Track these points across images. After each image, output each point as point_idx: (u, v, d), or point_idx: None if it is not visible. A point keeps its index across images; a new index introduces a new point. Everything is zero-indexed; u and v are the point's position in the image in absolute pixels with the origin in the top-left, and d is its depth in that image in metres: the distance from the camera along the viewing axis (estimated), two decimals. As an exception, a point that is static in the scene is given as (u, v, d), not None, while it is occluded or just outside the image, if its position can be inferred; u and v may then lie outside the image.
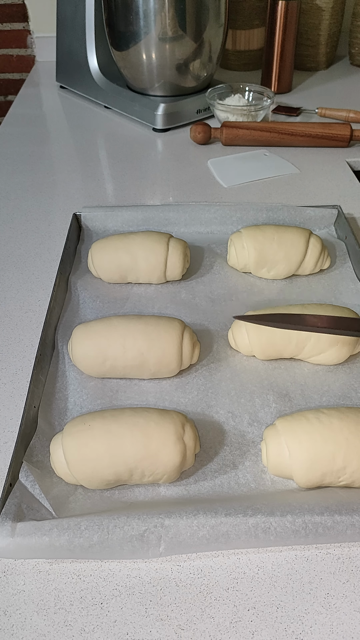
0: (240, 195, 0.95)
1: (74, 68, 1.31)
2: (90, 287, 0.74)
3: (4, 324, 0.70)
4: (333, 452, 0.48)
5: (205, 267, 0.78)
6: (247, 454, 0.54)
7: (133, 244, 0.73)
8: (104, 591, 0.44)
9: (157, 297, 0.73)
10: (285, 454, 0.49)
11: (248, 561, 0.46)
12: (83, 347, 0.60)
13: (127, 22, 1.09)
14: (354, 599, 0.43)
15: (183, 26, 1.08)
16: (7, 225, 0.89)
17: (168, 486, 0.51)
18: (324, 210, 0.83)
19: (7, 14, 1.55)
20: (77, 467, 0.49)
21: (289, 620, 0.42)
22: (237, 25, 1.42)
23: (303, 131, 1.08)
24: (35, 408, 0.57)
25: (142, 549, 0.45)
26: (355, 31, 1.46)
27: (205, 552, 0.46)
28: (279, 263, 0.74)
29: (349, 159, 1.06)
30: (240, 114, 1.13)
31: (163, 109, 1.14)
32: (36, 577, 0.45)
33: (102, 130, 1.20)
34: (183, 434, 0.50)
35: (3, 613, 0.43)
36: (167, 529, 0.45)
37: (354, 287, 0.74)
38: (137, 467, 0.49)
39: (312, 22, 1.40)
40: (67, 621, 0.42)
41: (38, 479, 0.50)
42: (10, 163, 1.08)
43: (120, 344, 0.59)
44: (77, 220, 0.83)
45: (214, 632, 0.41)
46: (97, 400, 0.59)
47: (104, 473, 0.49)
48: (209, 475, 0.52)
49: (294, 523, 0.45)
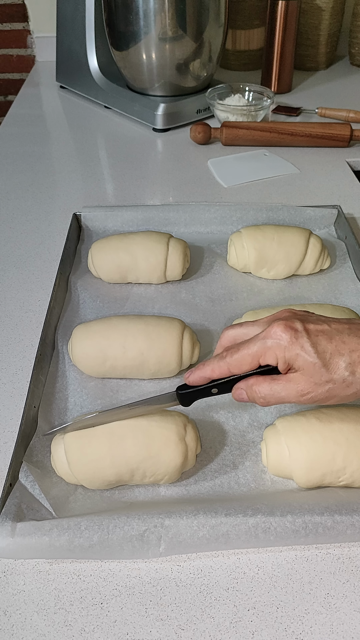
0: (240, 195, 0.95)
1: (74, 68, 1.31)
2: (90, 287, 0.74)
3: (4, 324, 0.70)
4: (333, 452, 0.48)
5: (205, 267, 0.78)
6: (247, 454, 0.54)
7: (133, 244, 0.73)
8: (104, 591, 0.44)
9: (157, 297, 0.73)
10: (285, 454, 0.49)
11: (248, 561, 0.46)
12: (83, 347, 0.60)
13: (127, 22, 1.09)
14: (354, 599, 0.43)
15: (183, 26, 1.08)
16: (7, 225, 0.89)
17: (168, 486, 0.51)
18: (324, 210, 0.83)
19: (7, 14, 1.55)
20: (79, 467, 0.49)
21: (289, 620, 0.42)
22: (237, 25, 1.42)
23: (303, 131, 1.08)
24: (35, 408, 0.57)
25: (142, 549, 0.45)
26: (355, 31, 1.46)
27: (205, 552, 0.46)
28: (278, 263, 0.74)
29: (349, 159, 1.06)
30: (240, 114, 1.13)
31: (163, 109, 1.14)
32: (36, 577, 0.45)
33: (102, 130, 1.20)
34: (185, 435, 0.50)
35: (3, 613, 0.43)
36: (167, 529, 0.45)
37: (354, 287, 0.74)
38: (139, 467, 0.49)
39: (312, 22, 1.40)
40: (67, 621, 0.42)
41: (38, 479, 0.50)
42: (10, 163, 1.08)
43: (121, 343, 0.59)
44: (77, 220, 0.83)
45: (214, 632, 0.41)
46: (97, 400, 0.59)
47: (105, 473, 0.49)
48: (209, 475, 0.52)
49: (294, 523, 0.45)
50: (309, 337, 0.43)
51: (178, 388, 0.50)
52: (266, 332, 0.45)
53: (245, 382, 0.46)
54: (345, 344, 0.43)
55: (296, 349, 0.43)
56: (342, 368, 0.43)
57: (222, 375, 0.47)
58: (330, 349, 0.43)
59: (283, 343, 0.44)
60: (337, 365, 0.43)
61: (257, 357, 0.45)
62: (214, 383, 0.48)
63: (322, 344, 0.43)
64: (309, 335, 0.44)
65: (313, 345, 0.43)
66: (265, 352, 0.44)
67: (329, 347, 0.43)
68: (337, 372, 0.43)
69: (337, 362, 0.43)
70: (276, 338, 0.44)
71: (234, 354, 0.46)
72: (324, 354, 0.43)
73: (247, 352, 0.45)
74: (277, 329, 0.44)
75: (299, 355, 0.43)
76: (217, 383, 0.48)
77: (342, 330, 0.44)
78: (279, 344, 0.44)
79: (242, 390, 0.46)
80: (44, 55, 1.58)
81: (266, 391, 0.45)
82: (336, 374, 0.43)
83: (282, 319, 0.45)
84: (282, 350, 0.44)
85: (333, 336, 0.44)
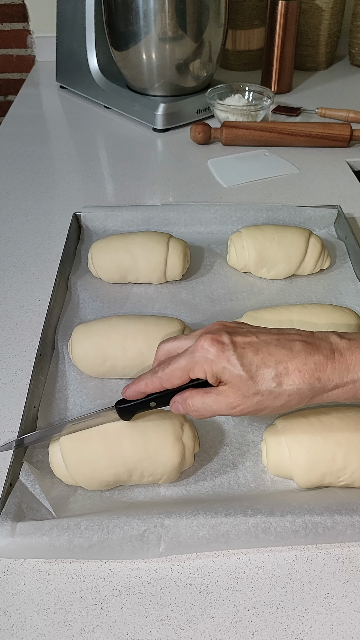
0: (240, 195, 0.95)
1: (74, 68, 1.31)
2: (90, 287, 0.74)
3: (4, 324, 0.70)
4: (333, 452, 0.48)
5: (205, 267, 0.78)
6: (247, 454, 0.54)
7: (133, 244, 0.73)
8: (104, 591, 0.44)
9: (157, 297, 0.73)
10: (285, 453, 0.49)
11: (248, 561, 0.46)
12: (83, 347, 0.60)
13: (127, 22, 1.09)
14: (354, 599, 0.43)
15: (183, 26, 1.08)
16: (7, 225, 0.89)
17: (168, 486, 0.51)
18: (324, 210, 0.83)
19: (7, 14, 1.55)
20: (76, 468, 0.49)
21: (289, 620, 0.42)
22: (237, 25, 1.42)
23: (303, 131, 1.08)
24: (35, 408, 0.57)
25: (142, 549, 0.45)
26: (355, 31, 1.46)
27: (205, 552, 0.46)
28: (278, 263, 0.74)
29: (349, 159, 1.06)
30: (240, 114, 1.13)
31: (163, 109, 1.14)
32: (36, 577, 0.45)
33: (102, 130, 1.20)
34: (182, 434, 0.50)
35: (3, 613, 0.43)
36: (167, 529, 0.45)
37: (354, 287, 0.74)
38: (136, 467, 0.49)
39: (312, 22, 1.40)
40: (67, 621, 0.42)
41: (38, 478, 0.50)
42: (10, 163, 1.08)
43: (120, 344, 0.59)
44: (77, 220, 0.83)
45: (214, 632, 0.41)
46: (97, 401, 0.59)
47: (103, 474, 0.49)
48: (209, 475, 0.52)
49: (293, 523, 0.45)
50: (235, 350, 0.43)
51: (117, 403, 0.50)
52: (194, 346, 0.45)
53: (180, 395, 0.47)
54: (271, 356, 0.43)
55: (222, 362, 0.43)
56: (268, 380, 0.43)
57: (155, 390, 0.47)
58: (256, 361, 0.43)
59: (210, 357, 0.44)
60: (263, 377, 0.43)
61: (186, 371, 0.45)
62: (151, 397, 0.48)
63: (248, 357, 0.43)
64: (235, 348, 0.44)
65: (239, 358, 0.43)
66: (194, 366, 0.45)
67: (255, 359, 0.43)
68: (263, 384, 0.43)
69: (263, 374, 0.43)
70: (203, 352, 0.44)
71: (165, 368, 0.46)
72: (250, 367, 0.43)
73: (176, 366, 0.45)
74: (205, 342, 0.44)
75: (225, 369, 0.43)
76: (155, 396, 0.48)
77: (270, 342, 0.44)
78: (205, 357, 0.44)
79: (178, 403, 0.47)
80: (44, 55, 1.58)
81: (199, 404, 0.45)
82: (263, 386, 0.43)
83: (210, 332, 0.45)
84: (209, 363, 0.44)
85: (260, 348, 0.44)
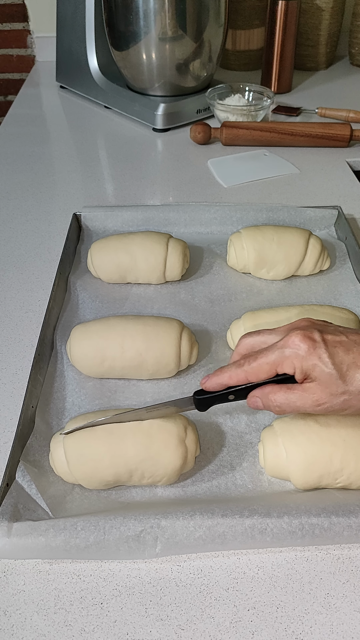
0: (240, 196, 0.95)
1: (74, 68, 1.31)
2: (89, 287, 0.74)
3: (4, 324, 0.70)
4: (330, 454, 0.48)
5: (205, 268, 0.78)
6: (244, 455, 0.54)
7: (132, 244, 0.73)
8: (104, 591, 0.44)
9: (156, 298, 0.73)
10: (282, 455, 0.50)
11: (248, 561, 0.46)
12: (81, 347, 0.60)
13: (127, 22, 1.09)
14: (354, 599, 0.43)
15: (183, 26, 1.08)
16: (7, 225, 0.89)
17: (165, 487, 0.51)
18: (324, 211, 0.83)
19: (7, 14, 1.55)
20: (77, 466, 0.49)
21: (289, 620, 0.42)
22: (237, 25, 1.42)
23: (303, 131, 1.08)
24: (33, 408, 0.57)
25: (139, 549, 0.45)
26: (355, 31, 1.46)
27: (204, 552, 0.46)
28: (278, 264, 0.74)
29: (349, 159, 1.06)
30: (240, 114, 1.13)
31: (163, 109, 1.14)
32: (36, 577, 0.45)
33: (102, 130, 1.20)
34: (185, 437, 0.50)
35: (3, 613, 0.43)
36: (164, 530, 0.45)
37: (353, 288, 0.74)
38: (137, 468, 0.49)
39: (312, 22, 1.40)
40: (67, 621, 0.42)
41: (35, 478, 0.50)
42: (10, 163, 1.08)
43: (119, 344, 0.59)
44: (77, 220, 0.83)
45: (214, 632, 0.42)
46: (95, 401, 0.59)
47: (103, 473, 0.49)
48: (207, 476, 0.52)
49: (290, 524, 0.45)
50: (326, 348, 0.44)
51: (195, 393, 0.50)
52: (284, 341, 0.45)
53: (261, 390, 0.47)
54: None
55: (314, 359, 0.43)
56: (358, 380, 0.43)
57: (239, 383, 0.47)
58: (347, 360, 0.43)
59: (301, 353, 0.44)
60: (354, 377, 0.43)
61: (274, 366, 0.45)
62: (230, 389, 0.48)
63: (339, 355, 0.43)
64: (326, 345, 0.44)
65: (330, 356, 0.43)
66: (283, 361, 0.45)
67: (346, 358, 0.43)
68: (353, 384, 0.43)
69: (353, 374, 0.43)
70: (294, 347, 0.44)
71: (252, 362, 0.46)
72: (341, 365, 0.43)
73: (265, 360, 0.45)
74: (296, 338, 0.44)
75: (316, 366, 0.43)
76: (234, 390, 0.48)
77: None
78: (296, 353, 0.44)
79: (257, 398, 0.47)
80: (44, 55, 1.58)
81: (282, 400, 0.45)
82: (352, 386, 0.43)
83: (300, 328, 0.45)
84: (299, 360, 0.44)
85: (350, 348, 0.44)
